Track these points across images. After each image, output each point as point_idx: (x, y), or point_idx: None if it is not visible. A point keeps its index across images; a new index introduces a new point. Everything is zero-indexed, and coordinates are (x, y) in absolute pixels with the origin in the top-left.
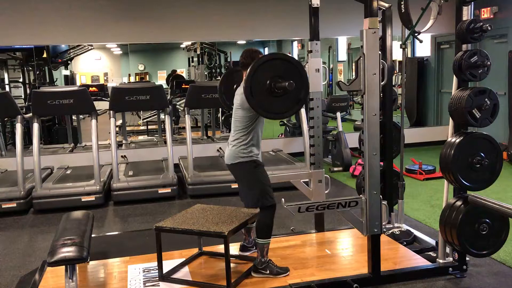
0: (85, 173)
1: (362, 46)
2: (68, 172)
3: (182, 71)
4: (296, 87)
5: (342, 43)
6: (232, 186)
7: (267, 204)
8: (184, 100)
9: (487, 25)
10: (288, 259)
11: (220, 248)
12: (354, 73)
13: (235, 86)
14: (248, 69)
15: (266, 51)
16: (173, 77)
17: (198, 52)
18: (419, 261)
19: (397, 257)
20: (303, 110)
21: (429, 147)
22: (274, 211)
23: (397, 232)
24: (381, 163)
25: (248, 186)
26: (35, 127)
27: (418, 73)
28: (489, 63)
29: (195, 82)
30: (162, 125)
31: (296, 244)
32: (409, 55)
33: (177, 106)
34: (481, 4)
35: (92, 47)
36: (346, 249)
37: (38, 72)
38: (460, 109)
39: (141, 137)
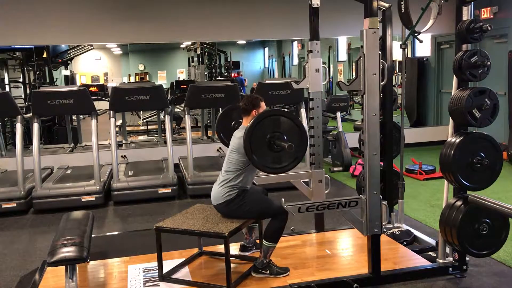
0: (85, 173)
1: (362, 46)
2: (68, 172)
3: (182, 71)
4: (295, 146)
5: (342, 43)
6: None
7: (273, 211)
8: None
9: (487, 25)
10: (288, 259)
11: (220, 248)
12: (354, 73)
13: (233, 123)
14: (249, 123)
15: (266, 51)
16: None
17: (198, 52)
18: (419, 261)
19: (397, 257)
20: (303, 110)
21: (429, 147)
22: (287, 215)
23: (397, 232)
24: (381, 163)
25: (248, 214)
26: (35, 127)
27: (418, 73)
28: (489, 63)
29: (195, 82)
30: (162, 125)
31: (296, 244)
32: (409, 55)
33: (177, 108)
34: (481, 4)
35: (92, 47)
36: (346, 249)
37: (38, 72)
38: (460, 109)
39: (141, 137)
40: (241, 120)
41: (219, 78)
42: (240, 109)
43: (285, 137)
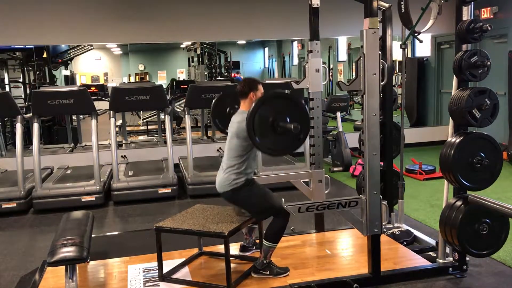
0: (85, 173)
1: (362, 46)
2: (68, 172)
3: (182, 71)
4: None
5: (342, 43)
6: None
7: (276, 210)
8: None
9: (487, 25)
10: (288, 259)
11: (220, 248)
12: (354, 73)
13: (228, 109)
14: (252, 106)
15: (266, 51)
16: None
17: (198, 52)
18: (419, 261)
19: (397, 257)
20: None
21: (429, 147)
22: (288, 216)
23: (397, 232)
24: (381, 163)
25: (250, 206)
26: (35, 127)
27: (418, 73)
28: (489, 63)
29: (195, 82)
30: (162, 125)
31: (296, 244)
32: (409, 55)
33: (177, 108)
34: (481, 4)
35: (92, 47)
36: (346, 249)
37: (38, 72)
38: (460, 109)
39: (141, 137)
40: (236, 106)
41: (219, 78)
42: (237, 92)
43: (287, 119)
